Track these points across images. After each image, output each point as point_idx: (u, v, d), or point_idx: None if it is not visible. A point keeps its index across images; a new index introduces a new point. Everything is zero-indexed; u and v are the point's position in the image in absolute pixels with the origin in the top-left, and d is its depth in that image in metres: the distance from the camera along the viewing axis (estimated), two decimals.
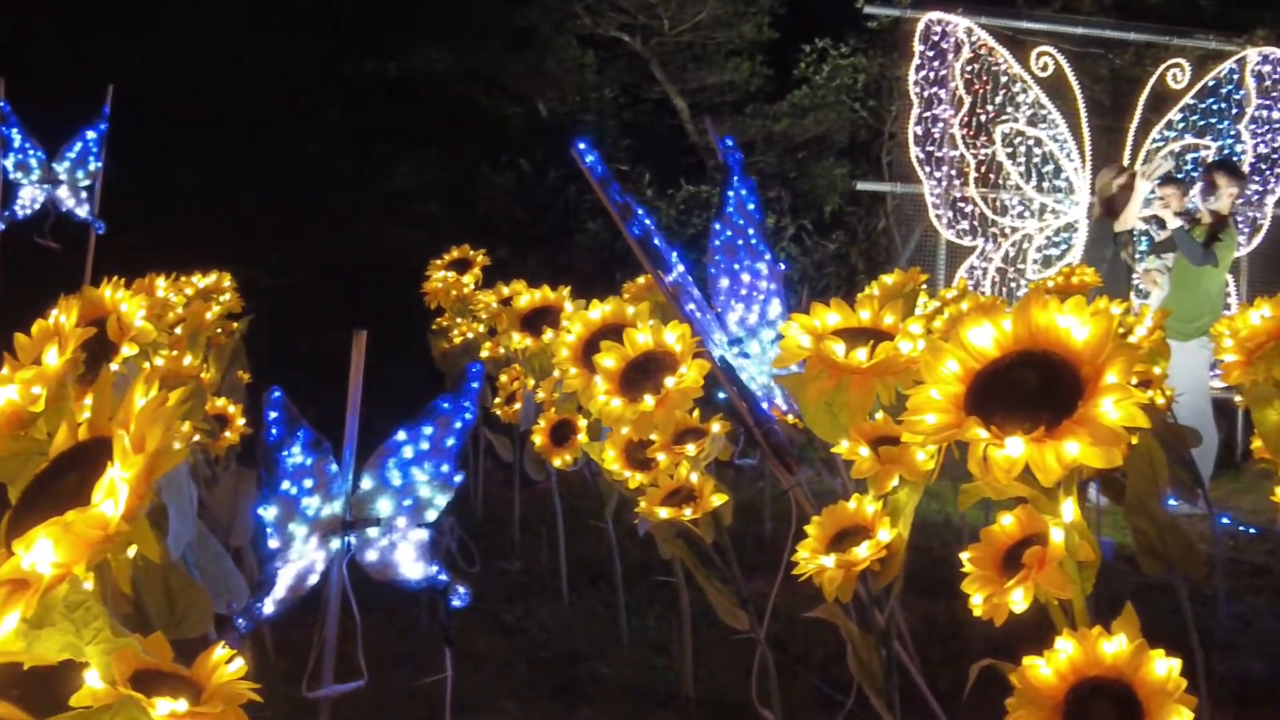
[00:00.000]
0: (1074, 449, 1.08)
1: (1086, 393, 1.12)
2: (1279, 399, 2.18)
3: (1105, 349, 1.12)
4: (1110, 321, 1.13)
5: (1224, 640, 3.59)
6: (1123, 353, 1.11)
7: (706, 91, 12.13)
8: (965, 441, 1.15)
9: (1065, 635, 1.18)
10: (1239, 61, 8.61)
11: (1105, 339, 1.12)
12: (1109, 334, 1.13)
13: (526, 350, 3.41)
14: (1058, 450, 1.09)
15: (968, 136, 7.88)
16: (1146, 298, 6.59)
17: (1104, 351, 1.12)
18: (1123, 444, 1.08)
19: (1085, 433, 1.09)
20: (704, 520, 2.20)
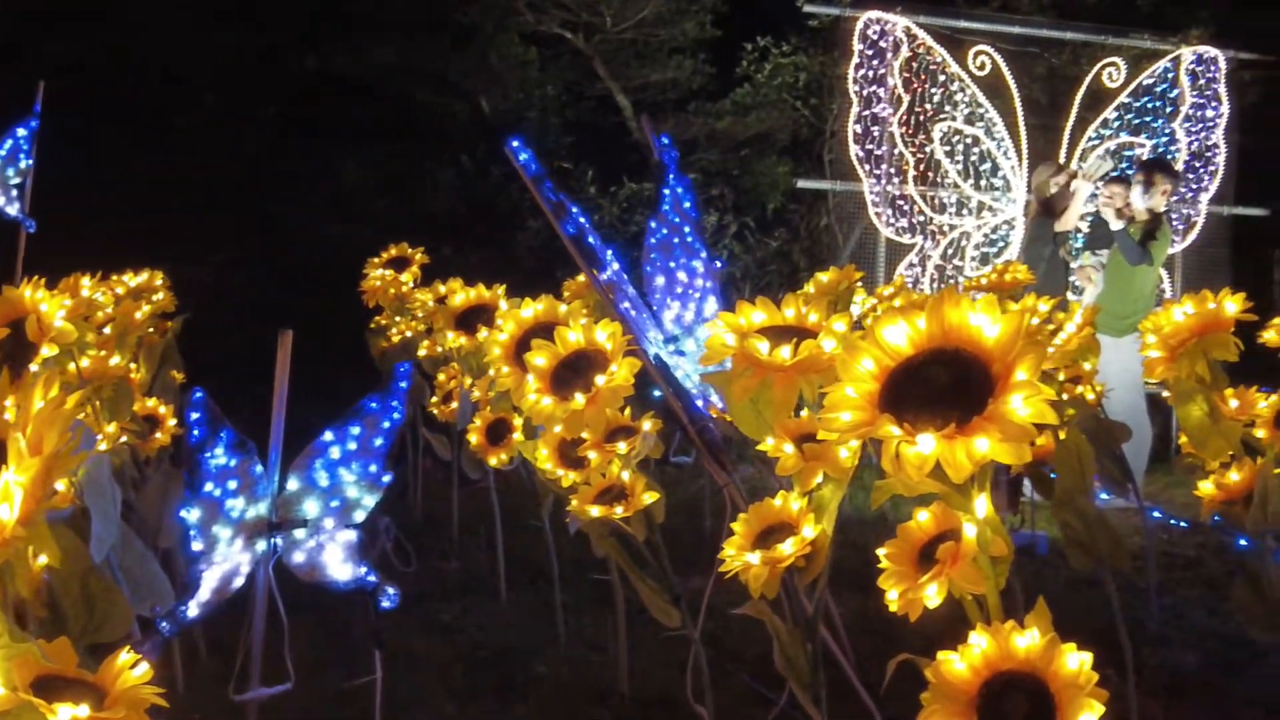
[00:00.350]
0: (984, 445, 1.09)
1: (997, 390, 1.13)
2: (1201, 395, 2.22)
3: (1015, 346, 1.13)
4: (1021, 319, 1.14)
5: (1156, 633, 3.64)
6: (1032, 350, 1.12)
7: (649, 89, 12.14)
8: (879, 439, 1.15)
9: (979, 630, 1.19)
10: (1173, 60, 8.74)
11: (1015, 337, 1.14)
12: (1019, 332, 1.14)
13: (461, 349, 3.40)
14: (968, 447, 1.10)
15: (906, 135, 7.94)
16: (1082, 294, 6.68)
17: (1014, 349, 1.13)
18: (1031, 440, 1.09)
19: (995, 429, 1.09)
20: (635, 518, 2.20)
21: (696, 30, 11.72)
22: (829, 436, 1.20)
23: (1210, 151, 8.79)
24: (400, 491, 5.29)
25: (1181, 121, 8.71)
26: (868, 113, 7.87)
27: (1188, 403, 2.19)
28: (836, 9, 8.47)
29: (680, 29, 11.68)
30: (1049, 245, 6.11)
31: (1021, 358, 1.12)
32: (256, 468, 2.13)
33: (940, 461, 1.10)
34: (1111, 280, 6.11)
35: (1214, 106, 8.78)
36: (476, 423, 3.21)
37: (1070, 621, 3.48)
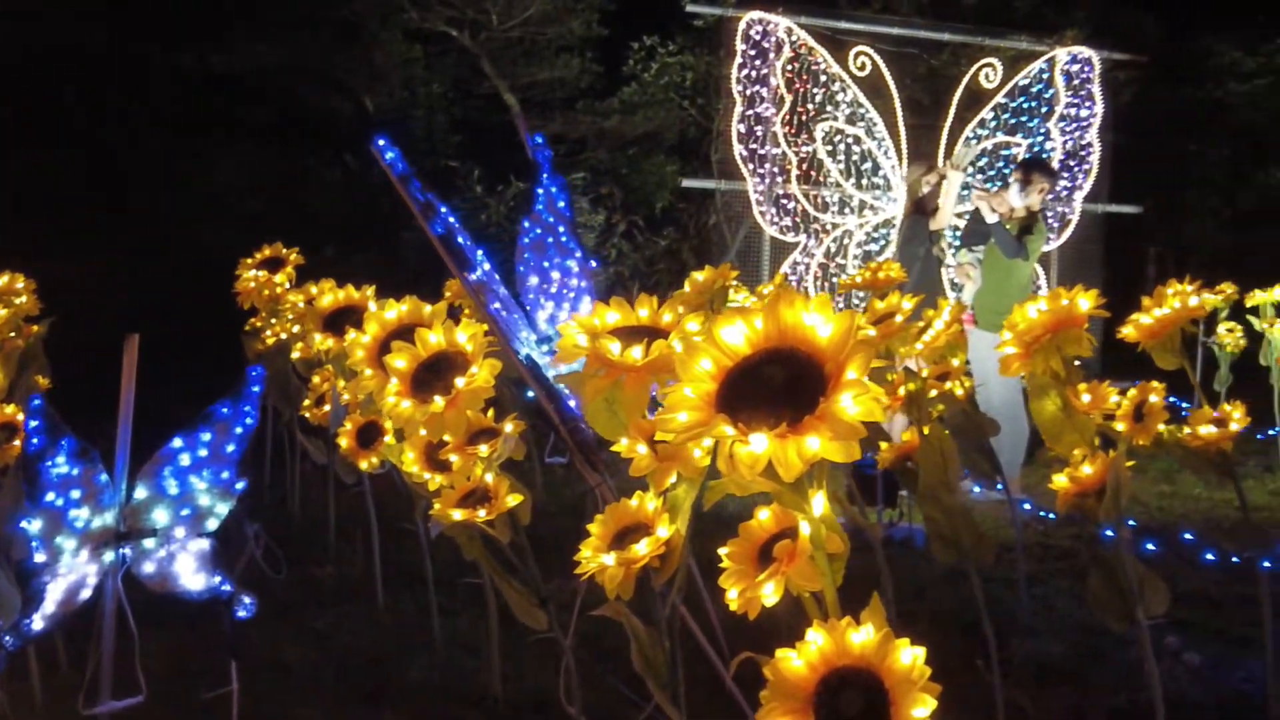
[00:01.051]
0: (815, 444, 1.10)
1: (829, 389, 1.14)
2: (1055, 390, 2.27)
3: (847, 346, 1.14)
4: (851, 320, 1.15)
5: (1025, 623, 3.72)
6: (862, 350, 1.13)
7: (537, 88, 12.09)
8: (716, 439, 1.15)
9: (815, 627, 1.19)
10: (1049, 61, 8.96)
11: (847, 336, 1.14)
12: (851, 331, 1.14)
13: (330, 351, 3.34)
14: (799, 445, 1.10)
15: (789, 134, 8.03)
16: (960, 290, 6.80)
17: (846, 348, 1.14)
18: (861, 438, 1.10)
19: (826, 428, 1.10)
20: (500, 521, 2.18)
21: (583, 29, 11.71)
22: (666, 437, 1.19)
23: (1084, 150, 9.03)
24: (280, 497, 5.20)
25: (1057, 121, 8.93)
26: (751, 112, 7.93)
27: (1042, 398, 2.23)
28: (719, 9, 8.53)
29: (567, 27, 11.66)
30: (924, 244, 6.21)
31: (852, 357, 1.13)
32: (101, 476, 2.07)
33: (772, 460, 1.11)
34: (989, 276, 6.23)
35: (1088, 106, 9.01)
36: (347, 426, 3.16)
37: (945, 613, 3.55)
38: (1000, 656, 3.26)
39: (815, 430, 1.09)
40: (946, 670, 3.26)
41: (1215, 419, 2.77)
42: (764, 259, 8.19)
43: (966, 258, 6.44)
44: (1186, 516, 5.60)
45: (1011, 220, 6.15)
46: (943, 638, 3.43)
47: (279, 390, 4.85)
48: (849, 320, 1.14)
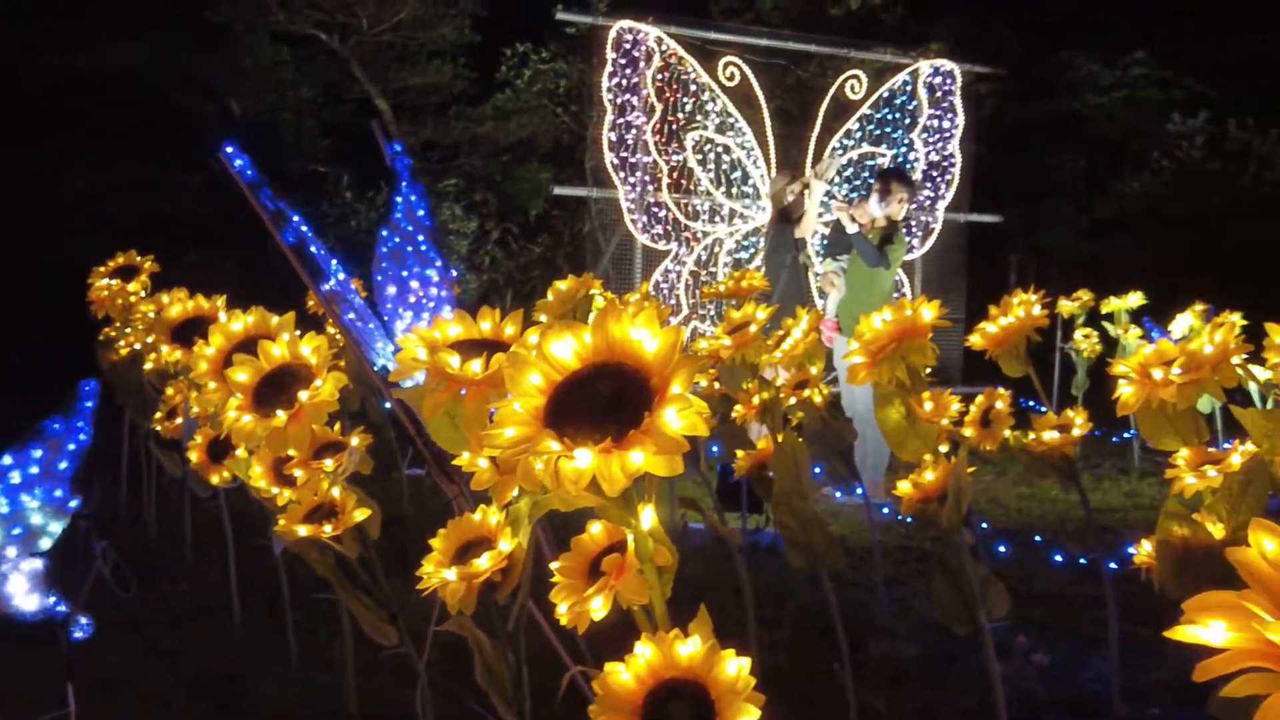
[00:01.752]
0: (639, 458, 1.10)
1: (654, 403, 1.14)
2: (899, 398, 2.32)
3: (672, 360, 1.14)
4: (678, 334, 1.16)
5: (883, 626, 3.79)
6: (687, 364, 1.14)
7: (409, 93, 11.99)
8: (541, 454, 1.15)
9: (644, 640, 1.20)
10: (912, 73, 9.16)
11: (673, 351, 1.15)
12: (676, 346, 1.15)
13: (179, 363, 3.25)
14: (623, 460, 1.10)
15: (660, 143, 8.08)
16: (826, 299, 6.91)
17: (671, 363, 1.14)
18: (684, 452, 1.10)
19: (650, 442, 1.10)
20: (348, 535, 2.15)
21: (456, 34, 11.65)
22: (492, 453, 1.19)
23: (947, 161, 9.25)
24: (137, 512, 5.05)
25: (920, 132, 9.14)
26: (622, 120, 7.97)
27: (886, 406, 2.28)
28: (590, 17, 8.56)
29: (439, 32, 11.60)
30: (790, 252, 6.30)
31: (677, 372, 1.14)
32: None
33: (596, 475, 1.11)
34: (852, 285, 6.34)
35: (950, 118, 9.25)
36: (198, 440, 3.08)
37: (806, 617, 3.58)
38: (857, 659, 3.33)
39: (639, 445, 1.09)
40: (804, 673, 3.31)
41: (1059, 424, 2.85)
42: (635, 266, 8.23)
43: (831, 266, 6.55)
44: (1043, 518, 5.76)
45: (873, 230, 6.27)
46: (803, 641, 3.49)
47: (135, 402, 4.71)
48: (675, 335, 1.15)
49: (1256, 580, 0.70)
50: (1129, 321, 7.31)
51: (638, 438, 1.10)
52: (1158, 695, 3.12)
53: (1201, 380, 1.74)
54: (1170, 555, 1.76)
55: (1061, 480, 2.89)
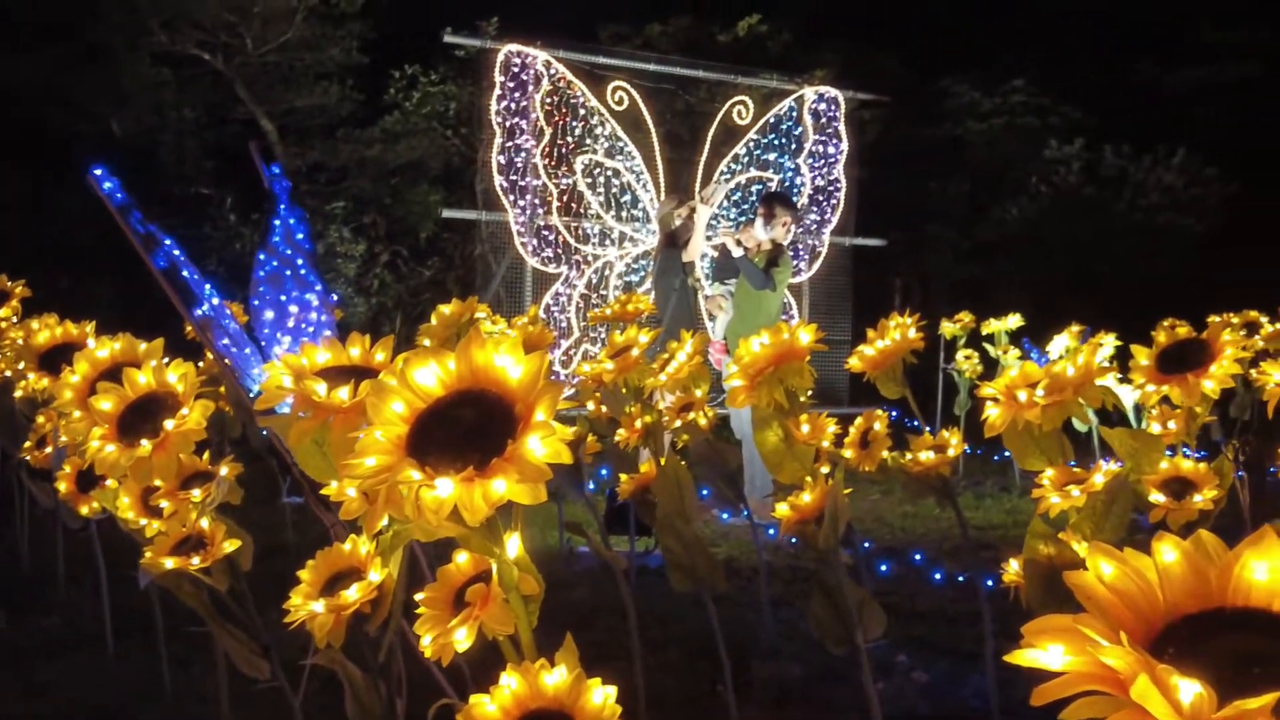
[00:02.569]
0: (501, 487, 1.09)
1: (518, 431, 1.14)
2: (777, 421, 2.34)
3: (536, 387, 1.14)
4: (542, 361, 1.15)
5: (768, 646, 3.80)
6: (550, 391, 1.13)
7: (295, 114, 11.84)
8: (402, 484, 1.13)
9: (509, 670, 1.19)
10: (798, 100, 9.28)
11: (537, 377, 1.14)
12: (540, 373, 1.15)
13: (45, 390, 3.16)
14: (485, 489, 1.09)
15: (549, 166, 8.08)
16: (714, 321, 6.96)
17: (535, 390, 1.14)
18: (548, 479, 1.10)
19: (513, 470, 1.10)
20: (218, 567, 2.10)
21: (343, 56, 11.55)
22: (351, 484, 1.17)
23: (832, 186, 9.39)
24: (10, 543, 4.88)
25: (806, 157, 9.27)
26: (511, 144, 7.95)
27: (764, 429, 2.29)
28: (478, 40, 8.54)
29: (326, 54, 11.48)
30: (677, 275, 6.34)
31: (541, 398, 1.13)
32: None
33: (457, 504, 1.10)
34: (739, 307, 6.40)
35: (835, 143, 9.39)
36: (66, 469, 2.99)
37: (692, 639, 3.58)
38: (741, 680, 3.34)
39: (502, 473, 1.08)
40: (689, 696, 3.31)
41: (935, 445, 2.90)
42: (525, 289, 8.20)
43: (719, 290, 6.60)
44: (926, 536, 5.85)
45: (759, 253, 6.34)
46: (689, 664, 3.49)
47: (5, 431, 4.56)
48: (539, 361, 1.14)
49: (1094, 604, 0.71)
50: (1008, 342, 7.48)
51: (500, 466, 1.10)
52: (1037, 712, 3.18)
53: (1064, 402, 1.78)
54: (1037, 574, 1.79)
55: (939, 499, 2.94)
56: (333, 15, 11.38)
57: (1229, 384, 2.18)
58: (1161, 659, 0.68)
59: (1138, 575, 0.72)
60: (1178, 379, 2.19)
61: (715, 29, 12.97)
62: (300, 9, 11.06)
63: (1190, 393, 2.17)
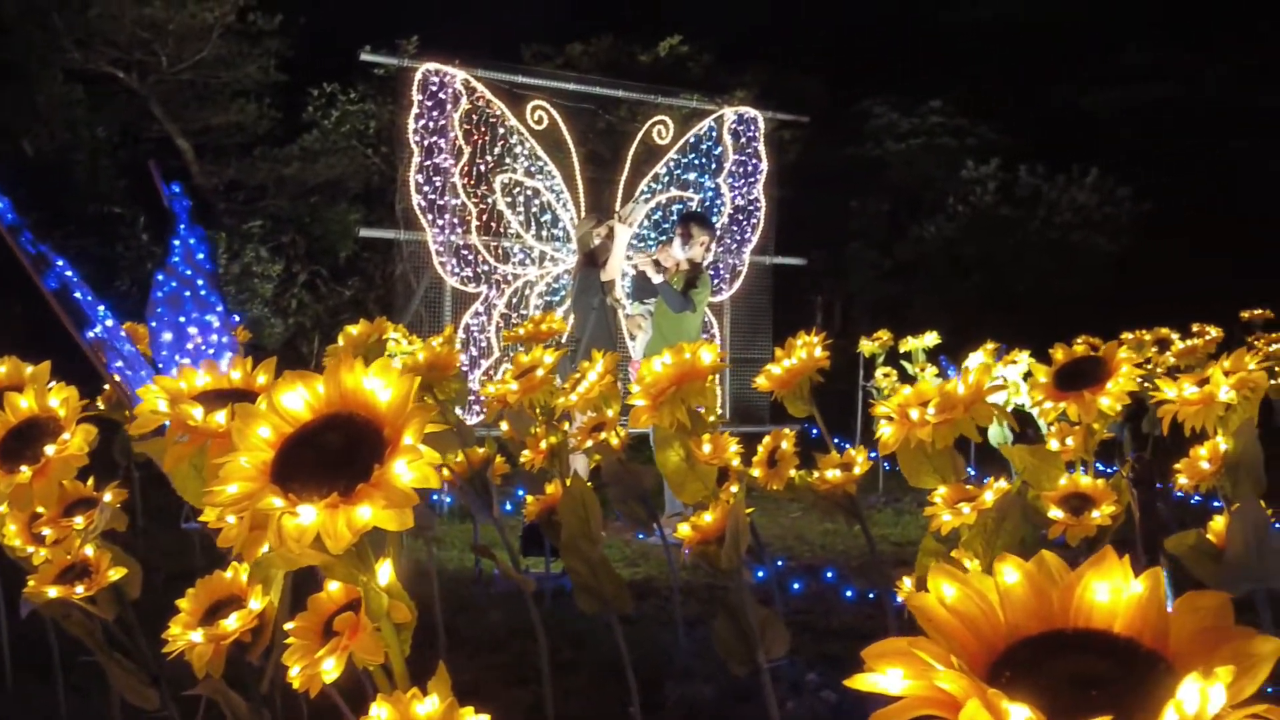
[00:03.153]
0: (366, 513, 1.07)
1: (386, 455, 1.11)
2: (679, 441, 2.33)
3: (405, 410, 1.12)
4: (411, 383, 1.13)
5: (681, 666, 3.79)
6: (419, 414, 1.11)
7: (212, 132, 11.69)
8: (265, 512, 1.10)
9: (380, 700, 1.16)
10: (717, 120, 9.33)
11: (406, 400, 1.12)
12: (410, 395, 1.12)
13: None
14: (349, 516, 1.07)
15: (468, 185, 8.04)
16: (634, 340, 6.96)
17: (404, 413, 1.12)
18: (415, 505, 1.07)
19: (380, 495, 1.07)
20: (104, 596, 2.04)
21: (260, 74, 11.43)
22: (213, 512, 1.14)
23: (752, 205, 9.44)
24: None
25: (725, 177, 9.31)
26: (430, 162, 7.90)
27: (666, 449, 2.28)
28: (395, 59, 8.49)
29: (243, 71, 11.35)
30: (597, 294, 6.33)
31: (410, 421, 1.11)
32: None
33: (320, 532, 1.07)
34: (659, 328, 6.40)
35: (754, 163, 9.44)
36: None
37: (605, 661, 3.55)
38: (653, 701, 3.32)
39: (368, 499, 1.06)
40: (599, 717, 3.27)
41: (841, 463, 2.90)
42: (444, 309, 8.14)
43: (639, 310, 6.60)
44: (846, 553, 5.88)
45: (678, 273, 6.35)
46: (600, 686, 3.47)
47: None
48: (409, 384, 1.12)
49: (934, 627, 0.70)
50: (925, 360, 7.55)
51: (366, 491, 1.07)
52: None
53: (955, 420, 1.79)
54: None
55: (846, 517, 2.94)
56: (249, 33, 11.25)
57: (1125, 400, 2.22)
58: (999, 682, 0.67)
59: (980, 597, 0.71)
60: (1074, 396, 2.21)
61: (636, 49, 13.02)
62: (216, 26, 10.92)
63: (1087, 409, 2.20)
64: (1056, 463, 2.47)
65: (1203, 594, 0.68)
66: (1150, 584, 0.69)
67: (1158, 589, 0.69)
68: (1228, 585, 2.27)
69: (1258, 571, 2.28)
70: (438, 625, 3.47)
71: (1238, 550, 2.29)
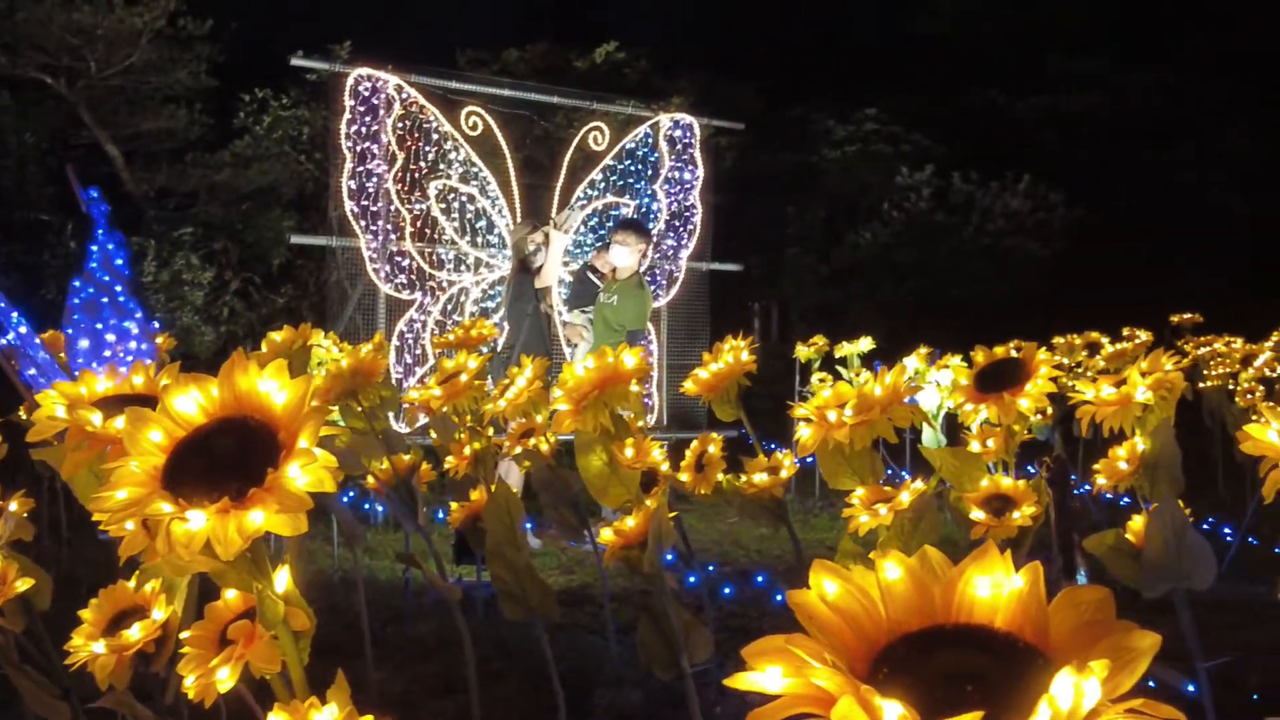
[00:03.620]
0: (259, 518, 1.04)
1: (280, 459, 1.09)
2: (601, 445, 2.31)
3: (301, 413, 1.09)
4: (307, 385, 1.11)
5: (612, 674, 3.77)
6: (315, 416, 1.09)
7: (142, 139, 11.53)
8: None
9: (277, 709, 1.13)
10: (653, 126, 9.33)
11: (302, 403, 1.10)
12: (305, 398, 1.10)
13: None
14: (240, 521, 1.04)
15: (402, 192, 7.97)
16: (574, 348, 6.93)
17: (299, 416, 1.09)
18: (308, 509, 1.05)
19: (273, 500, 1.05)
20: (10, 607, 1.99)
21: (191, 79, 11.27)
22: (102, 517, 1.11)
23: (689, 212, 9.45)
24: None
25: (662, 183, 9.31)
26: (362, 169, 7.83)
27: (588, 453, 2.27)
28: (326, 64, 8.41)
29: (173, 77, 11.18)
30: (530, 302, 6.30)
31: (305, 424, 1.08)
32: None
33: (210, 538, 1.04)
34: (599, 336, 6.38)
35: (690, 170, 9.45)
36: None
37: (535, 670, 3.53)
38: (583, 708, 3.31)
39: (260, 503, 1.04)
40: None
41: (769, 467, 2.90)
42: (378, 316, 8.07)
43: (579, 319, 6.56)
44: (781, 558, 5.89)
45: (614, 280, 6.34)
46: (529, 694, 3.44)
47: None
48: (304, 386, 1.10)
49: (815, 623, 0.69)
50: (860, 365, 7.60)
51: (259, 496, 1.05)
52: None
53: (872, 421, 1.79)
54: None
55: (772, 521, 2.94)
56: (180, 38, 11.10)
57: (1044, 402, 2.23)
58: (876, 678, 0.66)
59: (861, 593, 0.70)
60: (994, 398, 2.22)
61: (573, 55, 13.01)
62: (146, 31, 10.76)
63: (1006, 411, 2.21)
64: (978, 464, 2.49)
65: (1084, 588, 0.68)
66: (1030, 579, 0.68)
67: (1037, 584, 0.68)
68: (1147, 585, 2.30)
69: (1176, 571, 2.31)
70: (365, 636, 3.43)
71: (1156, 550, 2.31)
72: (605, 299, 6.29)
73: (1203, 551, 2.27)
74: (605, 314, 6.30)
